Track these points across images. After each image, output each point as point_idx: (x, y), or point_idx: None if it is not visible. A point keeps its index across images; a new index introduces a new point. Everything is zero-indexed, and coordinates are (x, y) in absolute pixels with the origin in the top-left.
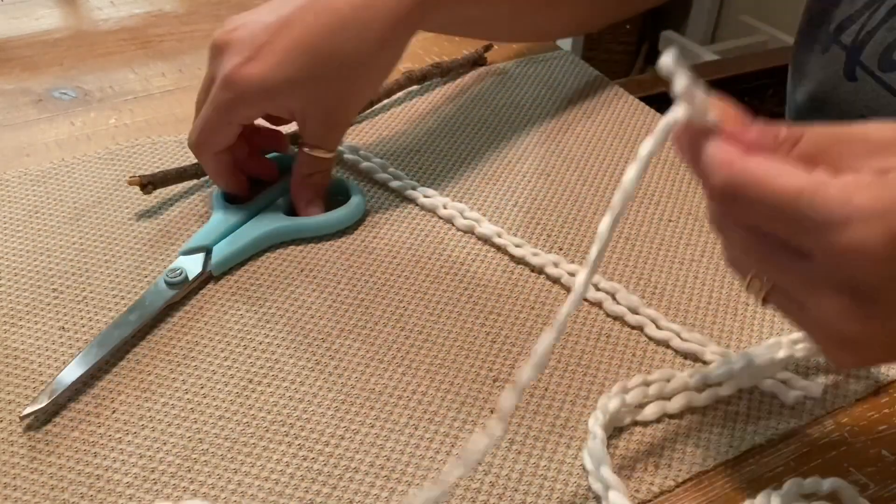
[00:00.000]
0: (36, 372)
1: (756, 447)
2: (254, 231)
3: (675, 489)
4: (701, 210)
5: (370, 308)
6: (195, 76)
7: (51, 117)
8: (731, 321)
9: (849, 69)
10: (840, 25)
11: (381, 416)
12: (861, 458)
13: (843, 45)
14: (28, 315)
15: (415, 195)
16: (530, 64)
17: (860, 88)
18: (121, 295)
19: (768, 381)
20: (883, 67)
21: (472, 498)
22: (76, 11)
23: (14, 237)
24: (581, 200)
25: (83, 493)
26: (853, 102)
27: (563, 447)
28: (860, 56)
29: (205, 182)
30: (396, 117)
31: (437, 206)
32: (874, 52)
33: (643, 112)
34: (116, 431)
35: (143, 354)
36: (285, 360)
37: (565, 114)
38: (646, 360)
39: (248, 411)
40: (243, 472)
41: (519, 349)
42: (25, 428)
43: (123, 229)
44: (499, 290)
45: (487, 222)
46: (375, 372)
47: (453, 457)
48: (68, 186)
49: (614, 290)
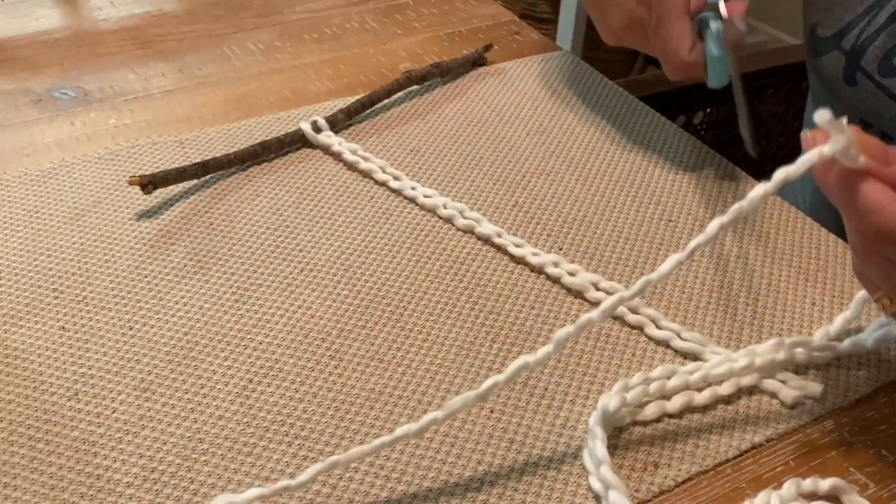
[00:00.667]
0: (36, 372)
1: (756, 447)
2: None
3: (675, 489)
4: (700, 210)
5: (370, 308)
6: (195, 76)
7: (51, 117)
8: (730, 321)
9: (849, 74)
10: (840, 31)
11: (380, 416)
12: (861, 458)
13: (844, 49)
14: (28, 315)
15: (414, 195)
16: (530, 64)
17: (860, 93)
18: (121, 295)
19: (768, 381)
20: (883, 72)
21: (472, 498)
22: (76, 11)
23: (14, 237)
24: (581, 201)
25: (83, 493)
26: (853, 107)
27: (563, 447)
28: (860, 61)
29: (205, 182)
30: (396, 117)
31: (437, 206)
32: (874, 57)
33: (643, 112)
34: (116, 431)
35: (143, 354)
36: (285, 360)
37: (565, 114)
38: (646, 359)
39: (248, 411)
40: (243, 472)
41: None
42: (26, 427)
43: (123, 229)
44: (499, 289)
45: (487, 222)
46: (375, 372)
47: (454, 456)
48: (68, 186)
49: (614, 289)
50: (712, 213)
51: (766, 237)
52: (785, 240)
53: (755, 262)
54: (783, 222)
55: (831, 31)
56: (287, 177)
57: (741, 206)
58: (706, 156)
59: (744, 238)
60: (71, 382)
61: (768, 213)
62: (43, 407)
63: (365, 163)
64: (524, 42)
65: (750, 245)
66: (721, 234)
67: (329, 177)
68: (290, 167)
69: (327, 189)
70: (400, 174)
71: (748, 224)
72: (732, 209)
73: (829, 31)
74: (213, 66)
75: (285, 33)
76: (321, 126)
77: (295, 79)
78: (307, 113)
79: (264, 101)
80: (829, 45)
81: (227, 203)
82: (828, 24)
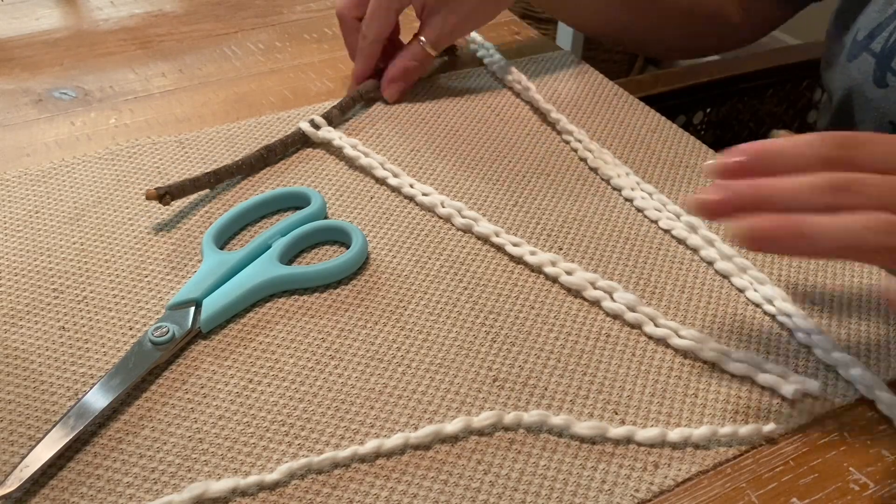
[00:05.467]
0: (36, 372)
1: (756, 447)
2: (248, 281)
3: (675, 489)
4: None
5: (370, 308)
6: (195, 76)
7: (51, 117)
8: (730, 321)
9: (878, 76)
10: (870, 33)
11: (380, 416)
12: (861, 458)
13: (873, 52)
14: (28, 315)
15: (413, 193)
16: (530, 64)
17: (890, 95)
18: (121, 295)
19: (764, 376)
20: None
21: (472, 498)
22: (76, 11)
23: (14, 237)
24: (581, 200)
25: (83, 493)
26: (883, 109)
27: (563, 447)
28: (891, 63)
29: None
30: (396, 117)
31: (435, 205)
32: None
33: (643, 112)
34: (117, 431)
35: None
36: (285, 360)
37: (565, 114)
38: (645, 359)
39: (248, 411)
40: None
41: (519, 349)
42: (26, 427)
43: (123, 229)
44: (499, 289)
45: (485, 221)
46: (375, 372)
47: (454, 456)
48: (68, 186)
49: (612, 288)
50: None
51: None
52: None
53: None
54: None
55: (862, 34)
56: (287, 176)
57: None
58: (706, 156)
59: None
60: (71, 382)
61: None
62: (43, 407)
63: (365, 158)
64: (524, 42)
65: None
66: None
67: (329, 177)
68: (290, 167)
69: (328, 189)
70: (399, 171)
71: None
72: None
73: (859, 34)
74: (213, 66)
75: (285, 33)
76: (319, 123)
77: (295, 79)
78: (306, 112)
79: (264, 101)
80: (858, 48)
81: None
82: (857, 27)
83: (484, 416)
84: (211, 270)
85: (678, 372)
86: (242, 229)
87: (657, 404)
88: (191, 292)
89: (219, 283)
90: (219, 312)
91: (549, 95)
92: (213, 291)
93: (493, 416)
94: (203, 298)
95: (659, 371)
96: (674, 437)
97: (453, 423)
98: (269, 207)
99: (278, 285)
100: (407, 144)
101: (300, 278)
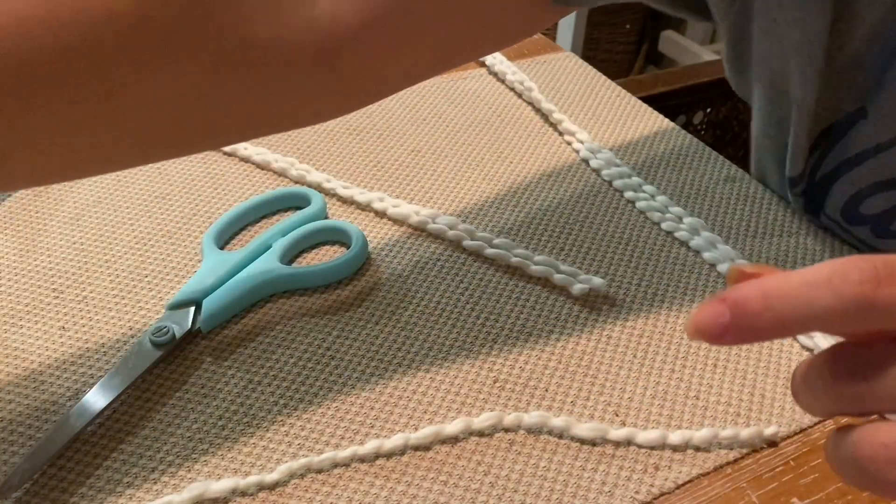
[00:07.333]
0: (36, 372)
1: (756, 447)
2: (248, 282)
3: (676, 490)
4: (701, 210)
5: (370, 308)
6: None
7: None
8: None
9: None
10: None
11: (380, 417)
12: None
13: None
14: (28, 315)
15: (407, 213)
16: (530, 64)
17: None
18: (121, 295)
19: (558, 276)
20: None
21: (472, 498)
22: None
23: (14, 237)
24: (582, 202)
25: (83, 493)
26: None
27: (563, 448)
28: None
29: (206, 181)
30: (396, 116)
31: (426, 222)
32: None
33: (643, 112)
34: (117, 432)
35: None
36: (285, 360)
37: (567, 114)
38: (646, 361)
39: (248, 411)
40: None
41: (519, 350)
42: (26, 427)
43: (123, 229)
44: (499, 290)
45: (480, 232)
46: (375, 372)
47: (453, 456)
48: (69, 186)
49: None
50: (713, 213)
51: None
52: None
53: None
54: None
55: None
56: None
57: None
58: (706, 156)
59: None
60: (71, 382)
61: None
62: (43, 407)
63: (344, 190)
64: (524, 42)
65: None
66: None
67: None
68: None
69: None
70: (384, 196)
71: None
72: None
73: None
74: None
75: None
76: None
77: None
78: None
79: None
80: None
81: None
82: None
83: (484, 416)
84: (211, 270)
85: (679, 374)
86: (243, 229)
87: (658, 406)
88: (191, 292)
89: (219, 283)
90: (219, 312)
91: (551, 96)
92: (213, 291)
93: (494, 417)
94: (203, 298)
95: (660, 373)
96: (674, 440)
97: (453, 424)
98: (270, 207)
99: (278, 285)
100: (408, 145)
101: (300, 278)
